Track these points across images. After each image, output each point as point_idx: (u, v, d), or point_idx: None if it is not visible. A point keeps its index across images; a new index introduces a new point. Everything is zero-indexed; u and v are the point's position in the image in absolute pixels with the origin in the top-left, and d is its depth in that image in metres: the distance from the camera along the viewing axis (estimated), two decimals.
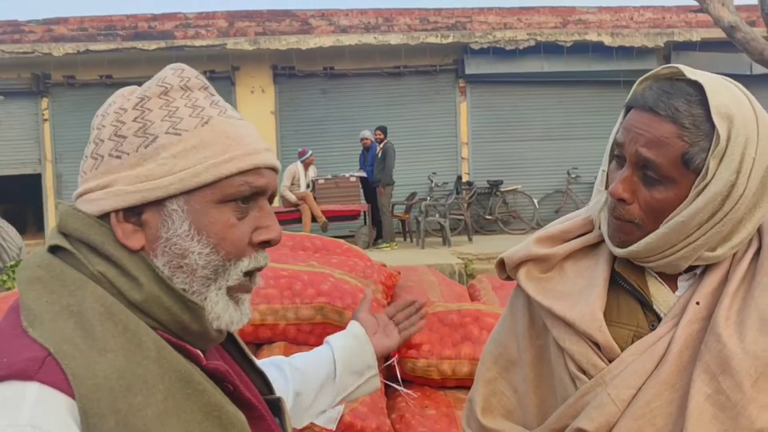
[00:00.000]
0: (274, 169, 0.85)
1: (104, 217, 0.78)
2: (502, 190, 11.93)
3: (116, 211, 0.77)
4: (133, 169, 0.77)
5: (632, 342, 1.00)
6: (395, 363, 2.45)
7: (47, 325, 0.71)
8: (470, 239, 10.56)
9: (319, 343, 2.41)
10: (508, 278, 1.16)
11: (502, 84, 12.38)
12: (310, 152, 10.49)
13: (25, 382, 0.67)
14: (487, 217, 11.84)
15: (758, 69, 10.12)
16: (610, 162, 1.06)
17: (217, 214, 0.79)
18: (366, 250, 4.76)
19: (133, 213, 0.78)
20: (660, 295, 1.03)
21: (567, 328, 1.03)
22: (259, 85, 12.25)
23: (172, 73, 0.83)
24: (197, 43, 11.70)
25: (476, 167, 12.50)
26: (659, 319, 1.01)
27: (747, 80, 12.92)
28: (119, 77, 11.87)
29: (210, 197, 0.79)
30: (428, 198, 11.19)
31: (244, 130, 0.82)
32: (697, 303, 0.98)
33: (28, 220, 12.77)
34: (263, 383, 0.96)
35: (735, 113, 0.92)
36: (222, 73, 11.67)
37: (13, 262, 5.18)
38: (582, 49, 12.01)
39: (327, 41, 11.79)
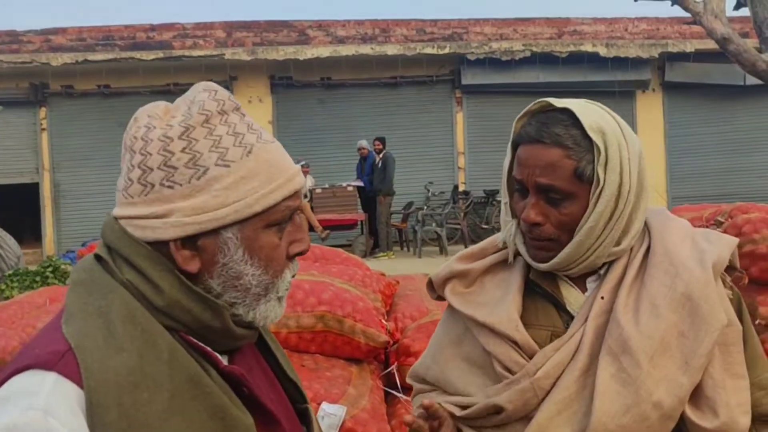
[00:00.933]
0: None
1: (157, 243, 0.83)
2: (498, 199, 11.96)
3: (174, 240, 0.82)
4: (186, 200, 0.81)
5: (551, 341, 1.12)
6: (395, 371, 2.48)
7: (77, 324, 0.79)
8: (467, 248, 10.57)
9: (320, 351, 2.43)
10: (439, 298, 1.29)
11: (498, 94, 12.47)
12: (303, 162, 10.49)
13: (47, 371, 0.75)
14: (484, 226, 11.88)
15: (751, 80, 10.21)
16: (510, 195, 1.20)
17: (265, 237, 0.86)
18: (363, 260, 4.78)
19: (189, 240, 0.83)
20: (571, 296, 1.16)
21: (489, 332, 1.14)
22: (257, 95, 12.31)
23: (207, 97, 0.85)
24: (195, 53, 11.76)
25: (472, 177, 12.56)
26: (573, 318, 1.13)
27: (740, 91, 12.95)
28: (117, 87, 11.93)
29: (259, 224, 0.85)
30: (425, 207, 11.22)
31: (280, 155, 0.90)
32: (602, 298, 1.11)
33: (26, 229, 12.74)
34: (297, 392, 1.01)
35: (604, 126, 1.08)
36: (220, 83, 11.37)
37: (11, 271, 5.19)
38: (577, 59, 12.11)
39: (324, 52, 11.86)
